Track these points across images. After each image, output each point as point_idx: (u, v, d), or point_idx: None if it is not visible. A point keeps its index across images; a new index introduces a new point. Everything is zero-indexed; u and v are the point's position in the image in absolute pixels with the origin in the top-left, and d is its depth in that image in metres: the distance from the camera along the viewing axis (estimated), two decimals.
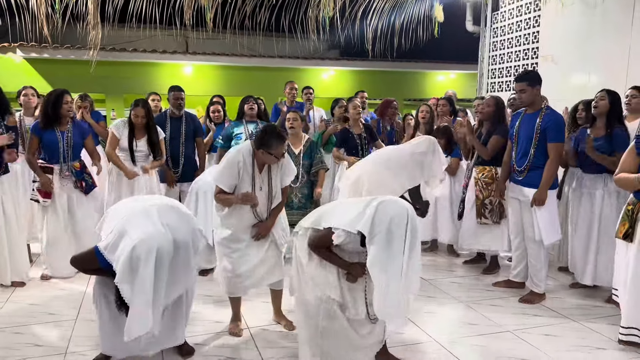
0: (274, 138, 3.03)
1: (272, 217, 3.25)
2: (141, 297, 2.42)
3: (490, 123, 4.47)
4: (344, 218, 2.53)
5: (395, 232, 2.36)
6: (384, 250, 2.36)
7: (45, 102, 4.30)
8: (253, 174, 3.15)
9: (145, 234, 2.48)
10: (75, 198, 4.41)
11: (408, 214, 2.41)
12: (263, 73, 11.49)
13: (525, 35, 7.02)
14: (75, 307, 3.76)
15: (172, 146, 5.00)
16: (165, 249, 2.49)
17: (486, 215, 4.40)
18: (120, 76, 10.54)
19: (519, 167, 3.97)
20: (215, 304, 3.85)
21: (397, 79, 12.58)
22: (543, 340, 3.28)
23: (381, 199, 2.49)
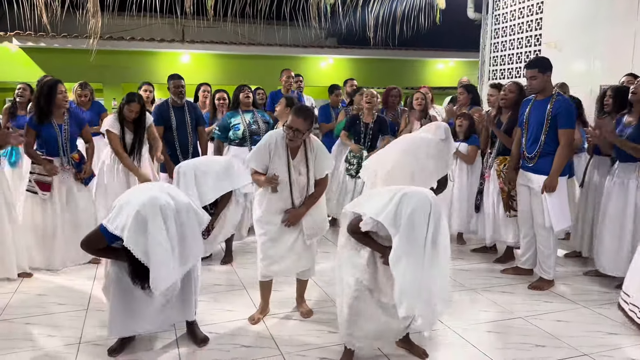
0: (294, 111, 3.09)
1: (305, 205, 3.24)
2: (157, 249, 2.44)
3: (511, 111, 4.40)
4: (373, 206, 2.53)
5: (417, 224, 2.35)
6: (406, 243, 2.35)
7: (37, 94, 4.18)
8: (288, 160, 3.16)
9: (146, 197, 2.50)
10: (75, 189, 4.36)
11: (431, 205, 2.39)
12: (261, 61, 11.41)
13: (528, 22, 7.00)
14: (85, 297, 3.74)
15: (179, 135, 4.95)
16: (169, 207, 2.51)
17: (515, 207, 4.33)
18: (117, 65, 10.43)
19: (529, 154, 3.96)
20: (227, 293, 3.84)
21: (396, 67, 12.52)
22: (555, 326, 3.29)
23: (405, 190, 2.48)
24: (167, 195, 2.58)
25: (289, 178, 3.18)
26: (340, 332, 2.83)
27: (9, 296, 3.76)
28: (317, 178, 3.28)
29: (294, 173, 3.18)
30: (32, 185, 4.19)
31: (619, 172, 3.95)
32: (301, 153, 3.20)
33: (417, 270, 2.35)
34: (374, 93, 5.19)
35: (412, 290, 2.37)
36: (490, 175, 4.57)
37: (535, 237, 4.08)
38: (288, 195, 3.21)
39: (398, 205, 2.41)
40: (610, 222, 3.96)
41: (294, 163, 3.19)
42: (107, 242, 2.59)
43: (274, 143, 3.17)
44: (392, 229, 2.39)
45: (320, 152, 3.25)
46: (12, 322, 3.33)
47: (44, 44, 9.73)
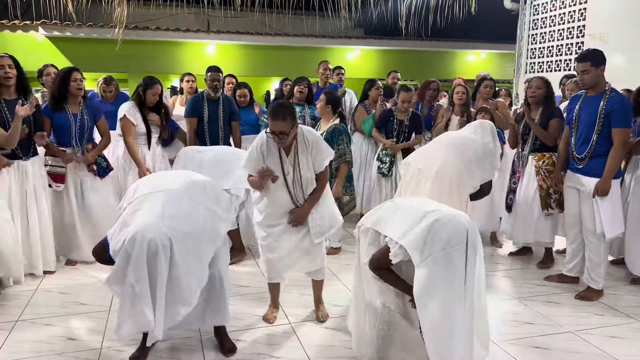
0: (270, 114, 2.86)
1: (308, 203, 3.05)
2: (128, 289, 2.25)
3: (543, 106, 4.16)
4: (399, 227, 2.25)
5: (454, 255, 2.06)
6: (438, 276, 2.07)
7: (54, 80, 4.10)
8: (280, 158, 2.96)
9: (142, 224, 2.28)
10: (89, 182, 4.22)
11: (468, 234, 2.10)
12: (286, 52, 11.21)
13: (570, 13, 6.63)
14: (106, 297, 3.60)
15: (210, 129, 4.78)
16: (158, 242, 2.25)
17: (552, 205, 4.10)
18: (142, 55, 10.35)
19: (579, 155, 3.67)
20: (252, 296, 3.67)
21: (425, 59, 12.19)
22: (609, 343, 3.03)
23: (437, 215, 2.18)
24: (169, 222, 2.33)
25: (284, 177, 2.97)
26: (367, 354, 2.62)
27: (30, 294, 3.65)
28: (317, 172, 3.06)
29: (289, 171, 2.97)
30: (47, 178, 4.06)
31: None
32: (294, 149, 2.98)
33: (454, 311, 2.06)
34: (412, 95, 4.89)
35: (446, 336, 2.08)
36: (522, 173, 4.31)
37: (583, 244, 3.80)
38: (287, 195, 3.02)
39: (429, 231, 2.12)
40: None
41: (289, 160, 2.98)
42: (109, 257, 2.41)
43: (265, 143, 2.96)
44: (417, 256, 2.11)
45: (317, 145, 3.01)
46: (34, 323, 3.21)
47: (69, 34, 9.68)
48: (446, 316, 2.07)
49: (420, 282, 2.10)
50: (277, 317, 3.29)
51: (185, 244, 2.35)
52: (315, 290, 3.34)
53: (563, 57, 6.79)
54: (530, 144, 4.24)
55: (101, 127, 4.33)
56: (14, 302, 3.50)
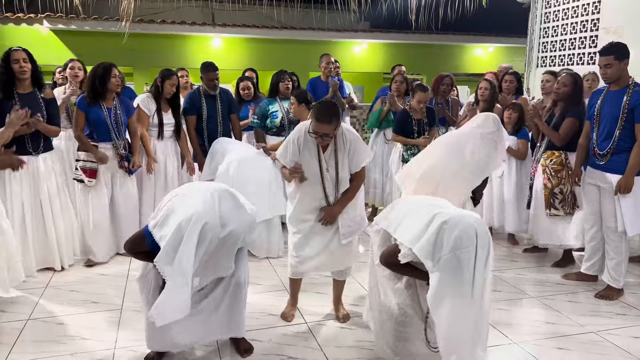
0: (315, 116, 2.79)
1: (339, 203, 2.99)
2: (179, 277, 2.20)
3: (565, 104, 4.05)
4: (408, 231, 2.20)
5: (462, 258, 2.01)
6: (448, 280, 2.02)
7: (92, 75, 4.02)
8: (319, 154, 2.91)
9: (195, 209, 2.24)
10: (119, 178, 4.19)
11: (477, 235, 2.04)
12: (293, 46, 11.09)
13: (584, 6, 6.50)
14: (119, 296, 3.54)
15: (209, 125, 4.71)
16: (211, 228, 2.23)
17: (556, 206, 4.01)
18: (148, 49, 10.25)
19: (601, 151, 3.59)
20: (268, 294, 3.60)
21: (432, 52, 12.06)
22: (634, 344, 2.96)
23: (445, 217, 2.12)
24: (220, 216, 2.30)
25: (320, 173, 2.92)
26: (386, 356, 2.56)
27: (40, 291, 3.59)
28: (353, 172, 2.99)
29: (326, 168, 2.92)
30: (79, 173, 4.01)
31: None
32: (332, 146, 2.93)
33: (464, 315, 2.02)
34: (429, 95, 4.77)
35: (460, 337, 2.05)
36: (536, 170, 4.22)
37: (602, 242, 3.72)
38: (321, 191, 2.96)
39: (437, 235, 2.07)
40: None
41: (326, 157, 2.92)
42: (149, 248, 2.34)
43: (303, 137, 2.91)
44: (429, 263, 2.06)
45: (356, 144, 2.95)
46: (45, 322, 3.15)
47: (74, 27, 9.59)
48: (456, 319, 2.04)
49: (432, 287, 2.06)
50: (294, 316, 3.22)
51: (227, 241, 2.33)
52: (336, 290, 3.27)
53: (576, 51, 6.68)
54: (546, 140, 4.15)
55: (131, 125, 4.26)
56: (23, 300, 3.44)
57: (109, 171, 4.13)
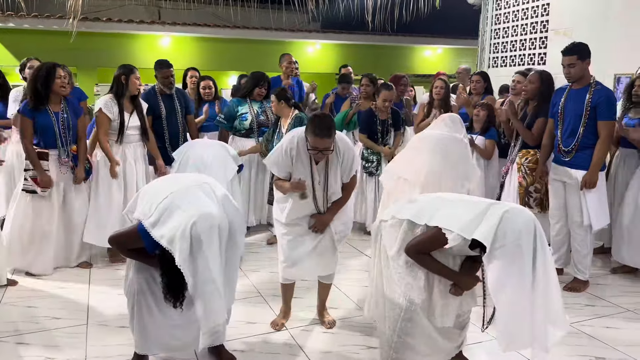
0: (312, 131, 2.67)
1: (330, 212, 2.95)
2: (209, 285, 2.05)
3: (536, 102, 4.12)
4: (458, 220, 2.19)
5: (524, 248, 2.04)
6: (510, 267, 2.04)
7: (34, 78, 3.72)
8: (311, 165, 2.83)
9: (205, 208, 2.11)
10: (72, 187, 3.93)
11: (535, 225, 2.10)
12: (246, 45, 10.93)
13: (534, 8, 6.76)
14: (82, 308, 3.32)
15: (170, 125, 4.53)
16: (224, 229, 2.14)
17: (531, 204, 4.10)
18: (92, 48, 9.78)
19: (566, 147, 3.70)
20: (245, 302, 3.45)
21: (384, 54, 12.22)
22: (609, 334, 3.06)
23: (505, 207, 2.16)
24: (224, 210, 2.19)
25: (312, 184, 2.86)
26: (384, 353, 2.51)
27: None
28: (344, 181, 2.95)
29: (317, 179, 2.86)
30: (29, 183, 3.71)
31: None
32: (325, 158, 2.84)
33: (523, 306, 2.04)
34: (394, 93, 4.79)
35: (518, 327, 2.07)
36: (510, 168, 4.30)
37: (567, 236, 3.85)
38: (312, 202, 2.90)
39: (499, 223, 2.08)
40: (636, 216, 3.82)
41: (318, 168, 2.85)
42: (143, 245, 2.18)
43: (296, 149, 2.82)
44: (489, 251, 2.07)
45: (348, 154, 2.90)
46: (3, 342, 2.90)
47: (12, 25, 9.00)
48: (517, 306, 2.06)
49: (493, 274, 2.07)
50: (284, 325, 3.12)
51: (235, 237, 2.23)
52: (321, 294, 3.20)
53: (527, 52, 6.92)
54: (520, 140, 4.21)
55: (80, 127, 3.99)
56: None
57: (62, 181, 3.87)
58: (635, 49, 5.24)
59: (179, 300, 2.17)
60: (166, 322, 2.40)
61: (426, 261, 2.30)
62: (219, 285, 2.05)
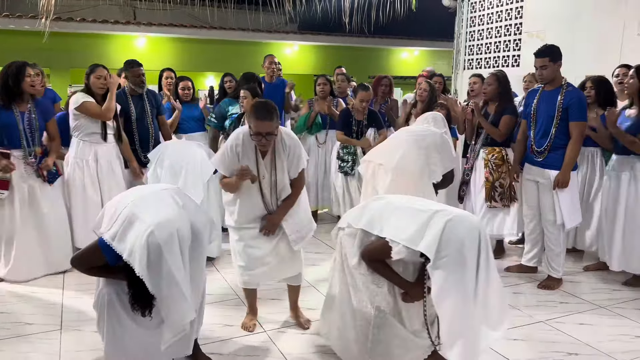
0: (253, 116, 2.67)
1: (280, 210, 2.88)
2: (174, 289, 2.03)
3: (497, 102, 4.23)
4: (403, 231, 2.19)
5: (467, 256, 2.04)
6: (453, 276, 2.03)
7: (3, 76, 3.64)
8: (257, 160, 2.79)
9: (162, 216, 2.08)
10: (38, 188, 3.81)
11: (480, 233, 2.08)
12: (223, 46, 10.87)
13: (508, 11, 6.87)
14: (56, 313, 3.26)
15: (140, 127, 4.48)
16: (185, 233, 2.10)
17: (496, 198, 4.18)
18: (66, 49, 9.60)
19: (539, 148, 3.77)
20: (221, 305, 3.45)
21: (361, 56, 12.27)
22: (581, 331, 3.13)
23: (449, 216, 2.14)
24: (185, 212, 2.16)
25: (259, 181, 2.81)
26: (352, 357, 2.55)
27: None
28: (292, 177, 2.91)
29: (265, 175, 2.82)
30: None
31: (614, 164, 3.84)
32: (271, 152, 2.83)
33: (467, 313, 2.04)
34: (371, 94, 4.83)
35: (462, 334, 2.08)
36: (474, 166, 4.39)
37: (541, 234, 3.92)
38: (259, 200, 2.85)
39: (442, 233, 2.07)
40: (608, 217, 3.89)
41: (265, 163, 2.82)
42: (106, 261, 2.14)
43: (241, 144, 2.78)
44: (434, 261, 2.06)
45: (295, 149, 2.87)
46: None
47: None
48: (459, 316, 2.05)
49: (436, 284, 2.06)
50: (256, 325, 3.10)
51: (199, 239, 2.19)
52: (292, 296, 3.18)
53: (501, 54, 7.03)
54: (482, 137, 4.31)
55: (51, 128, 3.92)
56: None
57: (26, 183, 3.76)
58: (605, 51, 5.37)
59: (148, 309, 2.13)
60: (141, 331, 2.35)
61: (379, 268, 2.33)
62: (182, 288, 2.03)
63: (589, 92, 4.18)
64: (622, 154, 3.78)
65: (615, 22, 5.32)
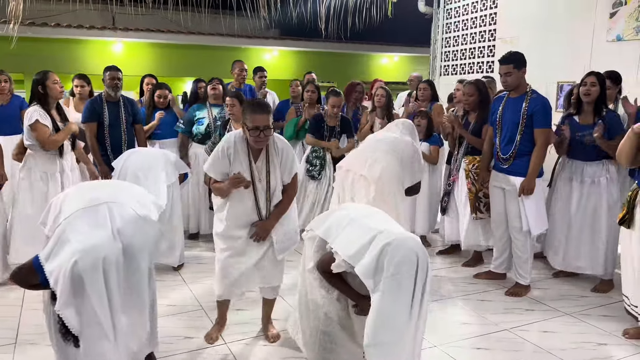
0: (250, 110, 2.66)
1: (273, 216, 2.84)
2: (94, 328, 1.92)
3: (479, 111, 4.22)
4: (349, 247, 2.16)
5: (403, 284, 1.99)
6: (386, 300, 1.98)
7: None
8: (250, 164, 2.76)
9: (90, 242, 1.96)
10: None
11: (418, 259, 2.03)
12: (200, 52, 10.80)
13: (482, 17, 6.90)
14: (11, 328, 3.17)
15: (112, 134, 4.41)
16: (112, 261, 1.96)
17: (481, 209, 4.16)
18: (40, 54, 9.47)
19: (504, 155, 3.77)
20: (183, 316, 3.38)
21: (341, 61, 12.28)
22: (544, 338, 3.12)
23: (389, 238, 2.08)
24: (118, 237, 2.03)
25: (252, 185, 2.77)
26: None
27: None
28: (286, 182, 2.89)
29: (258, 178, 2.78)
30: None
31: (588, 171, 3.84)
32: (264, 155, 2.81)
33: (402, 335, 2.00)
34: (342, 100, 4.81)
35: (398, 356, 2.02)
36: (458, 177, 4.37)
37: (509, 241, 3.91)
38: (253, 205, 2.81)
39: (379, 256, 2.03)
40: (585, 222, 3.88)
41: (257, 167, 2.79)
42: (39, 281, 2.05)
43: (233, 147, 2.75)
44: (370, 283, 2.03)
45: (287, 153, 2.86)
46: None
47: None
48: (395, 338, 2.00)
49: (373, 308, 2.02)
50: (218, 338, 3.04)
51: (136, 262, 2.06)
52: (266, 308, 3.11)
53: (476, 60, 7.06)
54: (464, 147, 4.30)
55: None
56: None
57: None
58: (577, 57, 5.40)
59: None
60: None
61: (331, 279, 2.30)
62: (105, 328, 1.92)
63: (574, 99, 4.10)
64: (573, 158, 3.83)
65: (586, 28, 5.36)
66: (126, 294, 2.03)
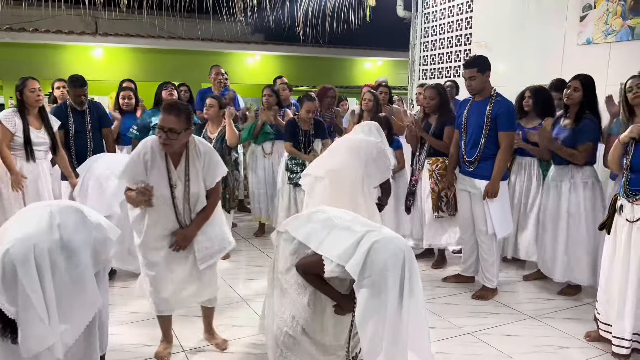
0: (163, 107, 2.61)
1: (195, 223, 2.72)
2: (30, 311, 1.91)
3: (439, 114, 4.27)
4: (335, 248, 2.16)
5: (389, 279, 2.00)
6: (374, 297, 2.00)
7: None
8: (168, 169, 2.65)
9: (23, 232, 1.97)
10: None
11: (405, 256, 2.05)
12: (182, 56, 10.76)
13: (458, 21, 6.93)
14: None
15: (77, 141, 4.33)
16: (44, 248, 1.96)
17: (443, 208, 4.19)
18: (19, 59, 9.39)
19: (469, 158, 3.77)
20: (147, 324, 3.32)
21: (325, 65, 12.28)
22: (505, 342, 3.10)
23: (375, 237, 2.11)
24: (56, 230, 2.03)
25: (171, 193, 2.65)
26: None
27: None
28: (208, 188, 2.78)
29: (178, 184, 2.66)
30: None
31: (554, 174, 3.85)
32: (184, 160, 2.69)
33: (388, 333, 1.99)
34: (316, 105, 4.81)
35: (384, 354, 2.02)
36: (419, 177, 4.39)
37: (476, 244, 3.91)
38: (172, 214, 2.67)
39: (367, 254, 2.05)
40: (549, 226, 3.87)
41: (177, 172, 2.67)
42: None
43: (150, 152, 2.63)
44: (357, 280, 2.04)
45: (210, 157, 2.75)
46: None
47: None
48: (380, 337, 2.01)
49: (359, 305, 2.03)
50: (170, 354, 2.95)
51: (77, 258, 2.05)
52: (207, 318, 3.04)
53: (452, 64, 7.08)
54: (426, 148, 4.33)
55: None
56: None
57: None
58: (550, 60, 5.43)
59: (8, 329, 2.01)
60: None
61: (313, 280, 2.28)
62: (40, 312, 1.92)
63: (527, 102, 4.20)
64: (561, 164, 3.75)
65: (557, 32, 5.39)
66: (67, 288, 2.03)
